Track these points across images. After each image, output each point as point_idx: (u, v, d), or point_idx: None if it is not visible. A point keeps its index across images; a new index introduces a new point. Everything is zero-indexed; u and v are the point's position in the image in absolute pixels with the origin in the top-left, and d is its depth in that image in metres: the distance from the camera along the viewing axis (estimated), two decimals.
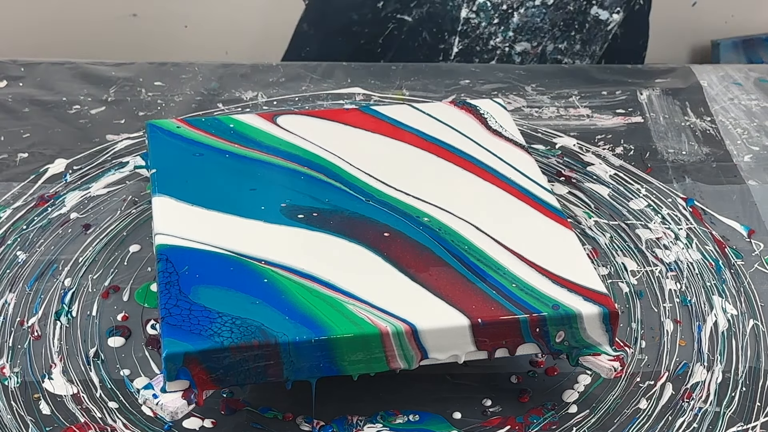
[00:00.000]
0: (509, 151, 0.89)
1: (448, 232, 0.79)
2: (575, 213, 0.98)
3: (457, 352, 0.73)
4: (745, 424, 0.77)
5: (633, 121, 1.12)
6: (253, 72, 1.18)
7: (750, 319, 0.86)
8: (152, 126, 0.90)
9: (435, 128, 0.91)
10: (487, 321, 0.72)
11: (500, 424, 0.77)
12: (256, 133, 0.90)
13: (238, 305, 0.72)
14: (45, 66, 1.18)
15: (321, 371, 0.72)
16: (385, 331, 0.71)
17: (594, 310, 0.73)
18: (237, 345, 0.69)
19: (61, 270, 0.89)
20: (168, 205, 0.81)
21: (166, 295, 0.73)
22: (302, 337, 0.70)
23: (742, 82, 1.20)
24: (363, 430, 0.76)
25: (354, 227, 0.79)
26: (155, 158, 0.87)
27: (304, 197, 0.82)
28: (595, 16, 1.25)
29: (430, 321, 0.72)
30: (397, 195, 0.83)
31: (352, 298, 0.73)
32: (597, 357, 0.76)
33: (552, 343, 0.74)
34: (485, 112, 0.94)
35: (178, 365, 0.70)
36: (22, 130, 1.07)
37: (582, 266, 0.77)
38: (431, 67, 1.21)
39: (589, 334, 0.74)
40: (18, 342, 0.82)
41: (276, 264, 0.76)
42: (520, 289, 0.74)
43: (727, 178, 1.03)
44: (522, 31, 1.25)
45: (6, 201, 0.97)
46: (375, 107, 0.95)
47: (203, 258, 0.76)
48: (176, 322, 0.71)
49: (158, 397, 0.71)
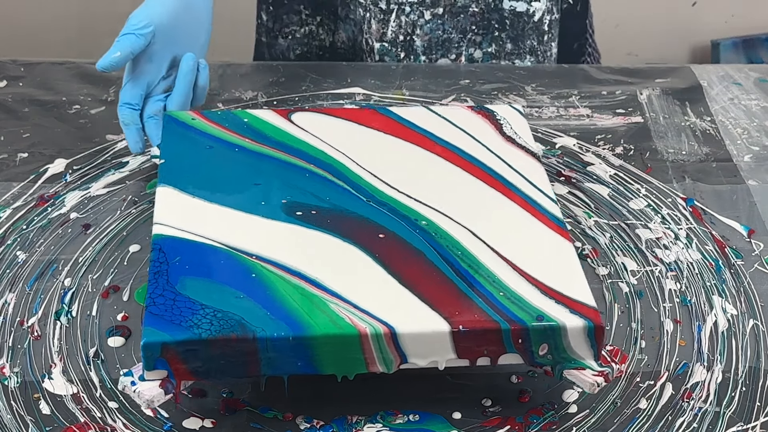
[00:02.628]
0: (520, 158, 0.88)
1: (444, 237, 0.79)
2: (575, 213, 0.98)
3: (436, 358, 0.73)
4: (745, 424, 0.77)
5: (633, 121, 1.12)
6: (253, 72, 1.18)
7: (750, 319, 0.86)
8: (168, 117, 0.92)
9: (448, 132, 0.91)
10: (468, 328, 0.71)
11: (500, 424, 0.77)
12: (269, 128, 0.91)
13: (222, 298, 0.73)
14: (45, 66, 1.18)
15: (299, 369, 0.72)
16: (364, 332, 0.71)
17: (579, 323, 0.72)
18: (215, 338, 0.70)
19: (61, 270, 0.89)
20: (170, 196, 0.82)
21: (153, 284, 0.74)
22: (280, 333, 0.70)
23: (742, 82, 1.20)
24: (363, 430, 0.76)
25: (350, 227, 0.79)
26: (166, 149, 0.88)
27: (305, 194, 0.83)
28: (512, 9, 1.20)
29: (410, 325, 0.71)
30: (398, 197, 0.83)
31: (337, 297, 0.73)
32: (581, 371, 0.74)
33: (535, 356, 0.73)
34: (502, 117, 0.93)
35: (156, 355, 0.70)
36: (22, 130, 1.07)
37: (575, 279, 0.76)
38: (431, 67, 1.21)
39: (573, 348, 0.73)
40: (18, 342, 0.82)
41: (266, 259, 0.76)
42: (507, 298, 0.74)
43: (727, 178, 1.03)
44: (432, 51, 1.22)
45: (6, 201, 0.97)
46: (391, 108, 0.95)
47: (196, 250, 0.77)
48: (159, 311, 0.72)
49: (136, 384, 0.72)
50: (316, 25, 1.25)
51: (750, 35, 2.19)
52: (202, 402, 0.78)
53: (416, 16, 1.19)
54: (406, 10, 1.18)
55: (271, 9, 1.27)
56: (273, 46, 1.29)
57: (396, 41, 1.20)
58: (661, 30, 2.03)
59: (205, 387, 0.79)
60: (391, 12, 1.18)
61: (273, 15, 1.27)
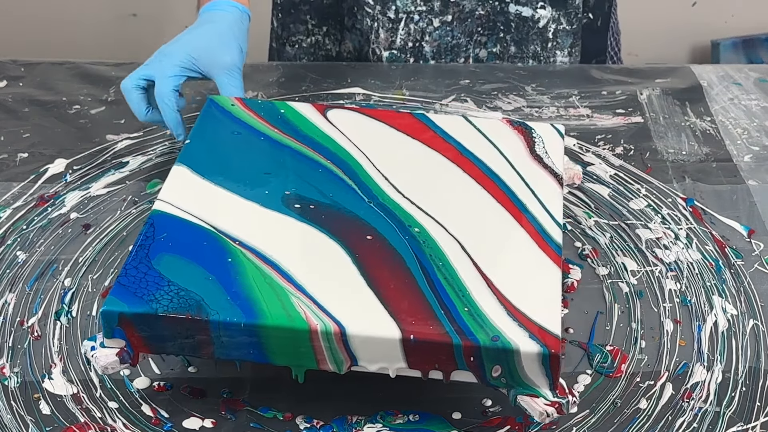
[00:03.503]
0: (540, 178, 0.87)
1: (431, 246, 0.78)
2: (575, 213, 0.98)
3: (386, 364, 0.72)
4: (745, 424, 0.77)
5: (633, 121, 1.12)
6: (253, 72, 1.18)
7: (750, 319, 0.86)
8: (210, 100, 0.94)
9: (476, 144, 0.90)
10: (419, 338, 0.71)
11: (500, 424, 0.77)
12: (301, 121, 0.92)
13: (191, 278, 0.74)
14: (45, 66, 1.18)
15: (251, 356, 0.73)
16: (314, 328, 0.71)
17: (534, 349, 0.70)
18: (169, 314, 0.71)
19: (61, 270, 0.89)
20: (182, 175, 0.84)
21: (132, 256, 0.75)
22: (232, 318, 0.71)
23: (742, 82, 1.20)
24: (363, 430, 0.76)
25: (341, 225, 0.80)
26: (197, 130, 0.90)
27: (310, 189, 0.83)
28: (517, 13, 1.21)
29: (361, 327, 0.71)
30: (401, 201, 0.83)
31: (300, 291, 0.73)
32: (533, 398, 0.72)
33: (488, 376, 0.72)
34: (537, 135, 0.92)
35: (113, 324, 0.72)
36: (22, 130, 1.07)
37: (549, 305, 0.74)
38: (431, 67, 1.21)
39: (527, 373, 0.71)
40: (18, 342, 0.83)
41: (247, 246, 0.77)
42: (470, 314, 0.72)
43: (727, 178, 1.03)
44: (441, 55, 1.22)
45: (6, 201, 0.97)
46: (430, 115, 0.94)
47: (184, 228, 0.78)
48: (127, 282, 0.73)
49: (95, 349, 0.74)
50: (323, 35, 1.26)
51: (750, 35, 2.19)
52: (202, 402, 0.78)
53: (425, 24, 1.20)
54: (415, 19, 1.19)
55: (280, 16, 1.28)
56: (282, 52, 1.30)
57: (405, 48, 1.21)
58: (661, 30, 2.03)
59: (205, 387, 0.79)
60: (399, 21, 1.19)
61: (282, 22, 1.28)
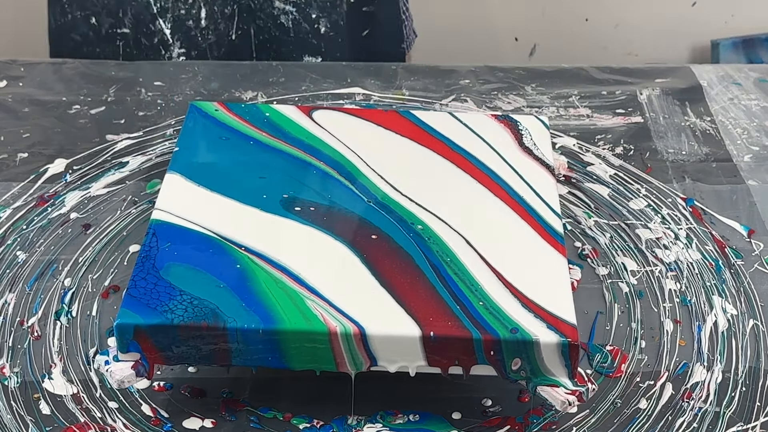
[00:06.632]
0: (532, 170, 0.87)
1: (436, 242, 0.78)
2: (575, 213, 0.98)
3: (406, 363, 0.72)
4: (745, 424, 0.77)
5: (633, 121, 1.12)
6: (253, 72, 1.18)
7: (750, 319, 0.86)
8: (193, 106, 0.93)
9: (465, 139, 0.90)
10: (439, 335, 0.71)
11: (500, 424, 0.77)
12: (288, 123, 0.91)
13: (202, 286, 0.73)
14: (45, 66, 1.18)
15: (269, 362, 0.72)
16: (334, 330, 0.71)
17: (553, 339, 0.71)
18: (186, 324, 0.71)
19: (61, 270, 0.89)
20: (176, 183, 0.83)
21: (139, 267, 0.75)
22: (251, 325, 0.71)
23: (742, 82, 1.20)
24: (363, 430, 0.76)
25: (345, 226, 0.79)
26: (184, 137, 0.89)
27: (308, 191, 0.83)
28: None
29: (381, 327, 0.71)
30: (400, 199, 0.83)
31: (315, 294, 0.73)
32: (554, 388, 0.73)
33: (508, 369, 0.72)
34: (524, 128, 0.92)
35: (129, 337, 0.71)
36: (22, 130, 1.07)
37: (560, 294, 0.74)
38: (431, 67, 1.21)
39: (547, 364, 0.72)
40: (18, 342, 0.82)
41: (254, 251, 0.76)
42: (486, 308, 0.73)
43: (727, 178, 1.03)
44: None
45: (6, 201, 0.97)
46: (416, 112, 0.94)
47: (187, 237, 0.78)
48: (138, 294, 0.72)
49: (110, 363, 0.73)
50: None
51: (750, 35, 2.19)
52: (202, 402, 0.78)
53: None
54: None
55: None
56: None
57: None
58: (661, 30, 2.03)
59: (205, 387, 0.79)
60: None
61: None
